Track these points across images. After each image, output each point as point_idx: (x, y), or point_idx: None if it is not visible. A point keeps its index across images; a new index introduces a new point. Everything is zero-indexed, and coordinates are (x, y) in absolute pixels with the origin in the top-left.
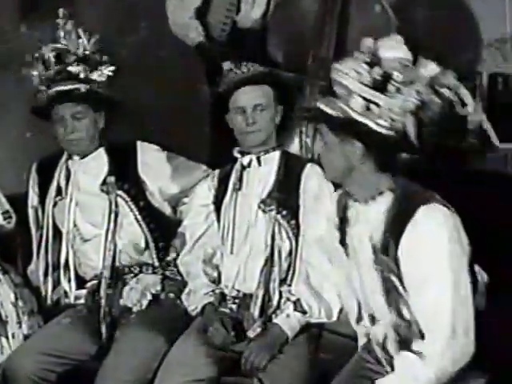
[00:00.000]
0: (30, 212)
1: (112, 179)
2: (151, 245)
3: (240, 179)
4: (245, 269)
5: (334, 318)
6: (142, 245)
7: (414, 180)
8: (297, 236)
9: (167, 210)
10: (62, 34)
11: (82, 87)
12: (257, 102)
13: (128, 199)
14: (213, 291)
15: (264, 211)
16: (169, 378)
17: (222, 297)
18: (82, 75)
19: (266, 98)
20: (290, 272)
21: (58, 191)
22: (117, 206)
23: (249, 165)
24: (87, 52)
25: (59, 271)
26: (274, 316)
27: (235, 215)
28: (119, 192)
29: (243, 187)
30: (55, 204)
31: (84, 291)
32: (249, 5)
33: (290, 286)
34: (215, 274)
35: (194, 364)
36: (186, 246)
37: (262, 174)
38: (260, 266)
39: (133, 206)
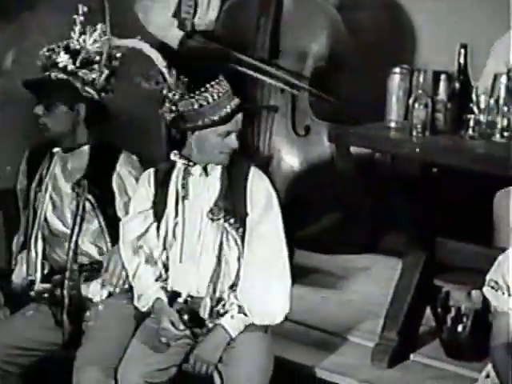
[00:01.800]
0: (18, 193)
1: (85, 182)
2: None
3: (184, 187)
4: (194, 276)
5: (278, 321)
6: (105, 248)
7: None
8: (242, 242)
9: None
10: (74, 28)
11: (60, 76)
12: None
13: (96, 205)
14: (161, 287)
15: (212, 220)
16: (132, 368)
17: (174, 294)
18: (68, 68)
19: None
20: (238, 278)
21: (40, 181)
22: (84, 210)
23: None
24: (80, 47)
25: (30, 259)
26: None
27: (184, 224)
28: (89, 196)
29: (190, 196)
30: (36, 193)
31: (48, 285)
32: (204, 8)
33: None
34: (158, 273)
35: (155, 354)
36: (126, 249)
37: (208, 182)
38: (209, 273)
39: (99, 213)
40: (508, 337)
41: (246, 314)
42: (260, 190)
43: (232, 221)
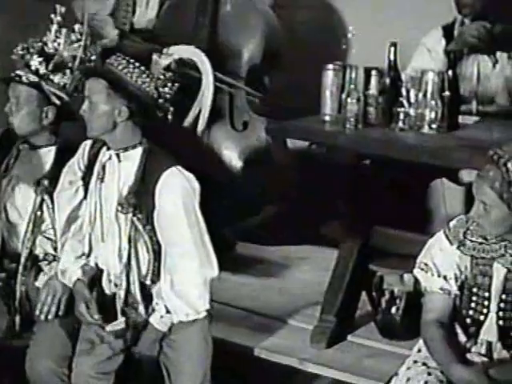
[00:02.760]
0: None
1: (45, 183)
2: None
3: (103, 170)
4: (113, 257)
5: (202, 315)
6: (59, 245)
7: None
8: (151, 238)
9: None
10: (50, 27)
11: (31, 78)
12: (88, 94)
13: (51, 206)
14: (85, 265)
15: (122, 212)
16: (82, 360)
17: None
18: (40, 71)
19: (96, 93)
20: (150, 272)
21: (6, 168)
22: (41, 209)
23: (110, 158)
24: (55, 51)
25: None
26: (135, 311)
27: (101, 206)
28: (45, 197)
29: (105, 180)
30: (1, 178)
31: (3, 274)
32: (143, 7)
33: (153, 283)
34: (85, 249)
35: (100, 344)
36: (60, 221)
37: (122, 170)
38: (120, 263)
39: (53, 214)
40: (437, 314)
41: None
42: (168, 195)
43: (140, 216)
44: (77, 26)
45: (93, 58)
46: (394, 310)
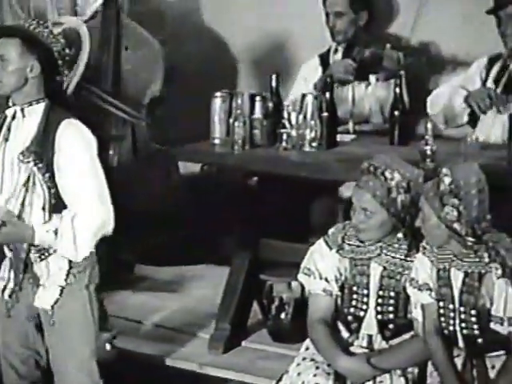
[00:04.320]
0: None
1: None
2: None
3: (9, 130)
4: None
5: (80, 258)
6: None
7: None
8: (50, 189)
9: None
10: None
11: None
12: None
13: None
14: None
15: (22, 162)
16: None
17: None
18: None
19: (9, 51)
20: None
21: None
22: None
23: (14, 117)
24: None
25: None
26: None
27: (4, 162)
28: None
29: (10, 137)
30: None
31: None
32: None
33: None
34: None
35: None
36: None
37: (25, 125)
38: (17, 209)
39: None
40: (321, 313)
41: None
42: (67, 140)
43: (40, 165)
44: None
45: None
46: (283, 315)
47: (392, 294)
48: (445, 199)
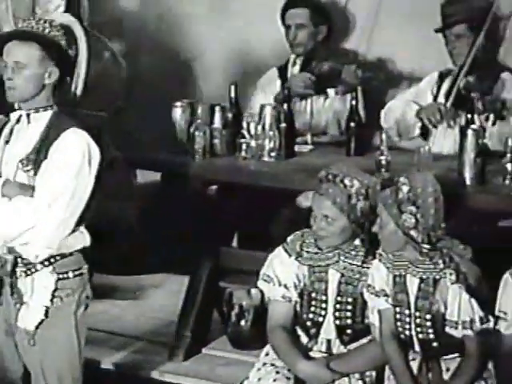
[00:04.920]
0: None
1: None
2: None
3: (11, 133)
4: None
5: (39, 259)
6: None
7: None
8: None
9: None
10: None
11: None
12: (15, 60)
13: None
14: None
15: (22, 170)
16: None
17: None
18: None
19: (27, 56)
20: None
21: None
22: None
23: (18, 121)
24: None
25: None
26: None
27: (1, 165)
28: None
29: (12, 141)
30: None
31: None
32: None
33: None
34: None
35: None
36: None
37: (29, 131)
38: None
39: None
40: (280, 320)
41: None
42: (59, 146)
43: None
44: None
45: None
46: (243, 322)
47: (350, 299)
48: (403, 207)
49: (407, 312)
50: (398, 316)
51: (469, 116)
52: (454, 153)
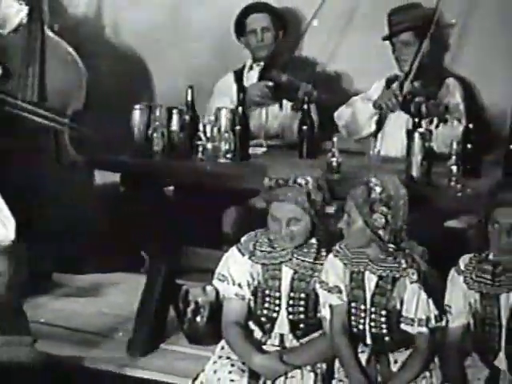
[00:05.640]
0: None
1: None
2: None
3: None
4: None
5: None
6: None
7: None
8: None
9: None
10: None
11: None
12: None
13: None
14: None
15: None
16: None
17: None
18: None
19: None
20: None
21: None
22: None
23: None
24: None
25: None
26: None
27: None
28: None
29: None
30: None
31: None
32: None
33: None
34: None
35: None
36: None
37: None
38: None
39: None
40: (234, 316)
41: None
42: None
43: None
44: None
45: None
46: (198, 318)
47: (302, 295)
48: (375, 206)
49: (363, 307)
50: (353, 311)
51: (416, 120)
52: (402, 156)
